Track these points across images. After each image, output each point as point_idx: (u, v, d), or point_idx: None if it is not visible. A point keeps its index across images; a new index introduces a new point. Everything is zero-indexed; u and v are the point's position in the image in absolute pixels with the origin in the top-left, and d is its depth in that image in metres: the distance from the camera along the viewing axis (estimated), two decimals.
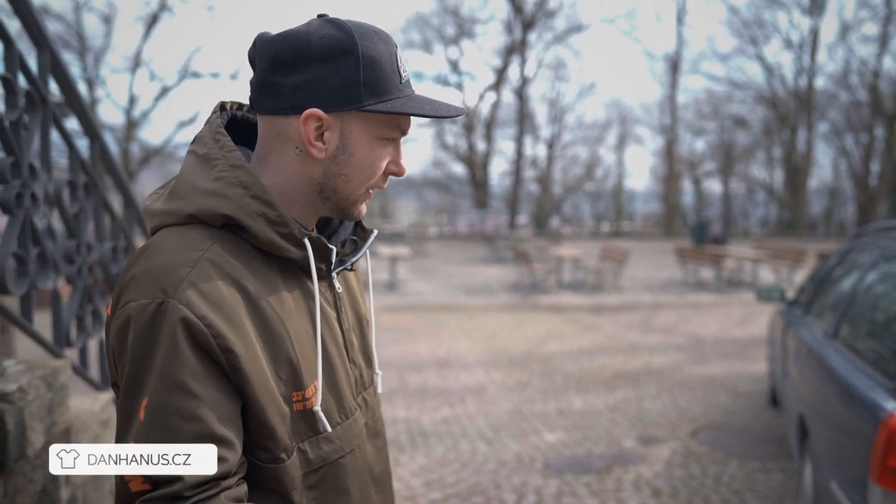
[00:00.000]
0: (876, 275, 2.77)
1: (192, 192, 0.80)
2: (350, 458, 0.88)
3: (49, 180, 1.69)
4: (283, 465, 0.78)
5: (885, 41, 27.36)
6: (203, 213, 0.79)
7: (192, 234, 0.79)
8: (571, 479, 3.60)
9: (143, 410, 0.70)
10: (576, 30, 31.59)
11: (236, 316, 0.75)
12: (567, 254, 12.78)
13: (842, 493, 2.13)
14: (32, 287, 1.60)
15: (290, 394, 0.80)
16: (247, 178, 0.80)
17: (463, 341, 7.51)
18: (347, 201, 0.87)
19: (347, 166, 0.84)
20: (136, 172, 23.41)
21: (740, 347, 7.14)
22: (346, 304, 0.96)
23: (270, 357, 0.78)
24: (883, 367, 2.17)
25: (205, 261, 0.76)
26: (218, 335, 0.72)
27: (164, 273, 0.74)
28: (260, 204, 0.79)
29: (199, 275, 0.74)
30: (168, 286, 0.73)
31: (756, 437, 4.28)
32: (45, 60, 1.70)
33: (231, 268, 0.78)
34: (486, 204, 30.61)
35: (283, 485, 0.79)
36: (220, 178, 0.80)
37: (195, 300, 0.72)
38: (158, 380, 0.70)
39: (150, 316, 0.72)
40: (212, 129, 0.84)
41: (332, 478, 0.85)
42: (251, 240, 0.81)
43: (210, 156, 0.82)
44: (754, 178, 34.58)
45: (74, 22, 22.45)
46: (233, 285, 0.77)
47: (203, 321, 0.72)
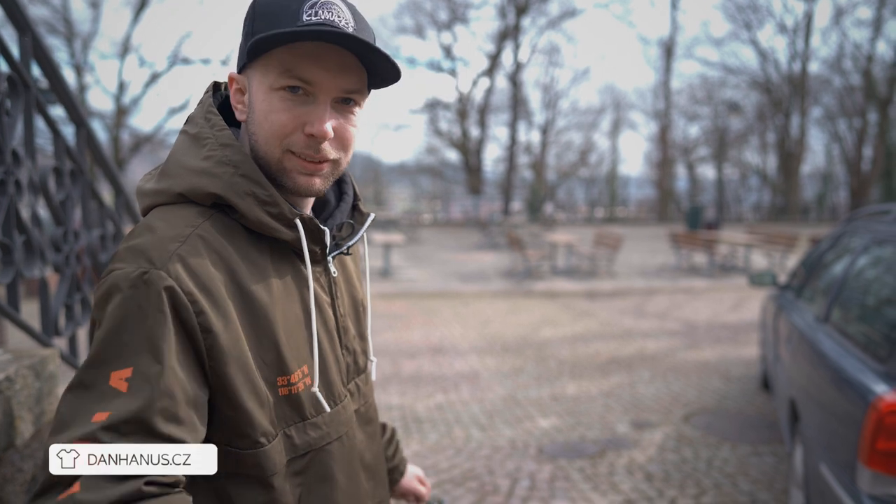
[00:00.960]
0: (867, 259, 2.78)
1: (182, 170, 0.79)
2: (337, 445, 0.87)
3: (34, 167, 1.66)
4: (263, 449, 0.76)
5: (879, 25, 27.37)
6: (192, 192, 0.78)
7: (184, 212, 0.78)
8: (565, 464, 3.63)
9: (123, 381, 0.66)
10: (570, 14, 31.26)
11: (221, 296, 0.73)
12: (561, 240, 12.79)
13: (831, 475, 2.15)
14: (18, 275, 1.58)
15: (275, 378, 0.79)
16: (236, 156, 0.78)
17: (457, 328, 7.52)
18: (270, 167, 0.81)
19: (253, 124, 0.81)
20: (126, 160, 23.21)
21: (733, 332, 7.18)
22: (343, 288, 0.94)
23: (255, 340, 0.77)
24: (873, 351, 2.18)
25: (195, 237, 0.75)
26: (201, 313, 0.71)
27: (153, 246, 0.72)
28: (249, 183, 0.78)
29: (189, 250, 0.73)
30: (156, 258, 0.71)
31: (748, 421, 4.31)
32: (28, 44, 1.66)
33: (220, 247, 0.76)
34: (479, 190, 30.55)
35: (263, 469, 0.77)
36: (209, 157, 0.79)
37: (183, 275, 0.71)
38: (146, 348, 0.67)
39: (132, 282, 0.69)
40: (203, 109, 0.83)
41: (318, 464, 0.84)
42: (241, 220, 0.79)
43: (201, 135, 0.81)
44: (748, 163, 34.67)
45: (61, 6, 22.10)
46: (221, 265, 0.75)
47: (189, 297, 0.70)
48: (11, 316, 1.59)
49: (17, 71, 1.60)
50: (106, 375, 0.67)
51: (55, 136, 1.82)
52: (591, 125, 33.89)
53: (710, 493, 3.26)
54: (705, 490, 3.30)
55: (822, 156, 33.16)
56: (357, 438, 0.94)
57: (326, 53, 0.77)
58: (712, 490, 3.30)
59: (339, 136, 0.82)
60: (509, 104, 30.62)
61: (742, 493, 3.26)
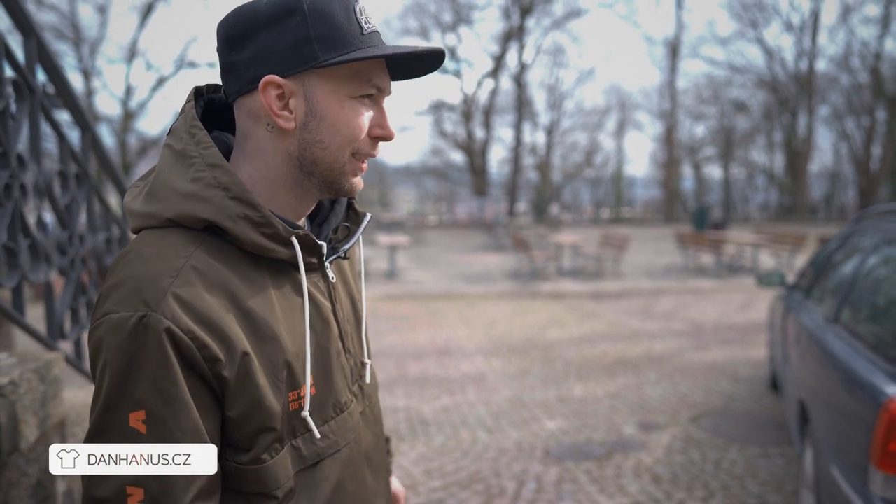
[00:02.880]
0: (877, 258, 2.75)
1: (169, 194, 0.76)
2: (346, 452, 0.86)
3: (39, 171, 1.66)
4: (265, 465, 0.76)
5: (887, 23, 27.16)
6: (182, 218, 0.75)
7: (174, 238, 0.75)
8: (572, 466, 3.61)
9: (139, 423, 0.68)
10: (574, 15, 31.19)
11: (224, 325, 0.72)
12: (567, 241, 12.76)
13: (842, 478, 2.13)
14: (24, 279, 1.58)
15: (288, 394, 0.78)
16: (226, 178, 0.75)
17: (463, 329, 7.51)
18: (332, 172, 0.81)
19: (321, 131, 0.79)
20: (133, 164, 23.33)
21: (741, 333, 7.14)
22: (342, 292, 0.94)
23: (266, 362, 0.75)
24: (884, 352, 2.16)
25: (188, 269, 0.72)
26: (203, 347, 0.70)
27: (146, 284, 0.70)
28: (241, 206, 0.75)
29: (183, 284, 0.71)
30: (150, 298, 0.69)
31: (757, 422, 4.28)
32: (32, 48, 1.67)
33: (216, 274, 0.74)
34: (485, 191, 30.52)
35: (265, 486, 0.76)
36: (198, 180, 0.75)
37: (179, 313, 0.69)
38: (155, 392, 0.68)
39: (132, 329, 0.68)
40: (187, 122, 0.79)
41: (327, 473, 0.83)
42: (236, 242, 0.77)
43: (187, 153, 0.77)
44: (754, 162, 34.49)
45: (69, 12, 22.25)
46: (219, 293, 0.73)
47: (189, 335, 0.69)
48: (17, 320, 1.59)
49: (22, 75, 1.60)
50: (125, 417, 0.69)
51: (60, 140, 1.83)
52: (596, 126, 33.86)
53: (719, 496, 3.24)
54: (713, 492, 3.28)
55: (829, 154, 33.00)
56: (364, 441, 0.93)
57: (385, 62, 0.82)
58: (721, 492, 3.28)
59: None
60: (514, 105, 30.59)
61: (751, 496, 3.23)
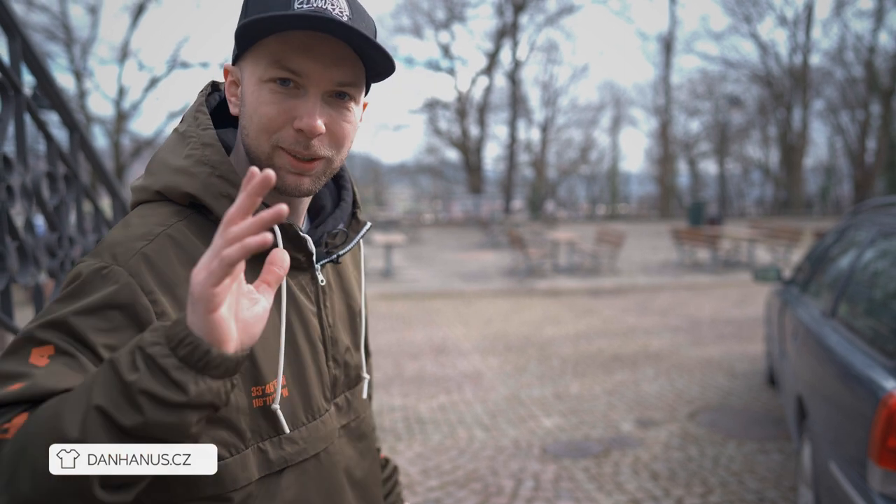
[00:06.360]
0: (874, 252, 2.75)
1: (162, 168, 0.79)
2: (314, 463, 0.82)
3: (26, 172, 1.64)
4: (223, 461, 0.72)
5: (881, 16, 27.24)
6: (168, 191, 0.78)
7: (161, 210, 0.77)
8: (569, 464, 3.60)
9: (42, 359, 0.65)
10: (567, 11, 31.16)
11: (186, 293, 0.69)
12: (563, 238, 12.76)
13: (841, 473, 2.12)
14: (12, 282, 1.56)
15: (249, 388, 0.75)
16: (215, 156, 0.77)
17: (459, 328, 7.49)
18: (259, 163, 0.76)
19: (244, 117, 0.79)
20: (127, 165, 23.23)
21: (737, 328, 7.14)
22: (335, 298, 0.90)
23: None
24: (882, 346, 2.15)
25: (164, 236, 0.74)
26: (162, 314, 0.69)
27: (119, 243, 0.72)
28: (225, 184, 0.76)
29: (155, 249, 0.72)
30: (120, 254, 0.71)
31: (754, 417, 4.28)
32: (17, 48, 1.64)
33: (192, 247, 0.74)
34: (480, 189, 30.51)
35: (222, 486, 0.72)
36: (190, 156, 0.78)
37: (144, 272, 0.70)
38: (82, 315, 0.66)
39: (91, 273, 0.69)
40: (194, 107, 0.83)
41: (293, 483, 0.79)
42: (218, 221, 0.76)
43: (187, 133, 0.80)
44: (750, 157, 34.56)
45: (59, 13, 22.10)
46: (190, 266, 0.70)
47: (149, 295, 0.69)
48: (5, 323, 1.57)
49: (7, 75, 1.57)
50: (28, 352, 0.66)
51: (48, 141, 1.80)
52: (590, 122, 33.86)
53: (717, 492, 3.23)
54: (712, 488, 3.27)
55: (824, 149, 33.08)
56: (344, 454, 0.89)
57: (319, 44, 0.73)
58: (719, 488, 3.27)
59: (332, 132, 0.77)
60: (508, 102, 30.58)
61: (749, 492, 3.23)
